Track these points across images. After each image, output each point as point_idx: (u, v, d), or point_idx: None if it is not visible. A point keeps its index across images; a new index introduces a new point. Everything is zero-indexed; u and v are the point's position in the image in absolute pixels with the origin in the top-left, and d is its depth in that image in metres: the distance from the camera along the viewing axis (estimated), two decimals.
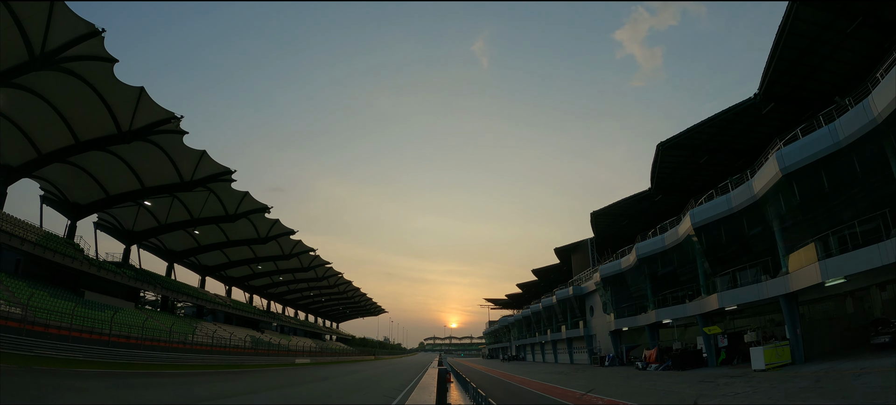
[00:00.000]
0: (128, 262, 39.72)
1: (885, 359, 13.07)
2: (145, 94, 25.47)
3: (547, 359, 54.50)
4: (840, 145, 14.86)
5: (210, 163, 32.99)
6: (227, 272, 56.07)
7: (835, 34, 16.84)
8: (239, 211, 40.27)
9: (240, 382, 19.58)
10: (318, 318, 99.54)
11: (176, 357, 29.38)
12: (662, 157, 25.74)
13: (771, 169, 17.38)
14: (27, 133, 25.60)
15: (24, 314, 21.27)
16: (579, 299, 43.50)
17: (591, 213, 38.23)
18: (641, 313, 30.51)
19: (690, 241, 23.79)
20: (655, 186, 28.86)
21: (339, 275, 70.88)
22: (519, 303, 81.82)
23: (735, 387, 13.72)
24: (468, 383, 14.28)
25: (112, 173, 31.37)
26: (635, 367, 27.66)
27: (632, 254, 29.87)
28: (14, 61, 20.65)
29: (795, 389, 11.67)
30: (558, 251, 54.77)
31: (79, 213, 33.60)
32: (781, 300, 17.85)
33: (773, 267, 19.40)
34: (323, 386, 19.86)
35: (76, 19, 20.45)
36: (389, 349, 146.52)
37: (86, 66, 22.95)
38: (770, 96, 19.88)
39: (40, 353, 19.47)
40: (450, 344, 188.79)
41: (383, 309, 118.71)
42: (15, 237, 25.83)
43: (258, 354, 45.43)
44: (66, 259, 29.63)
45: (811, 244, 16.04)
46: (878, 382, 10.22)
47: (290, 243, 51.84)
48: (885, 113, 13.03)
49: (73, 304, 26.02)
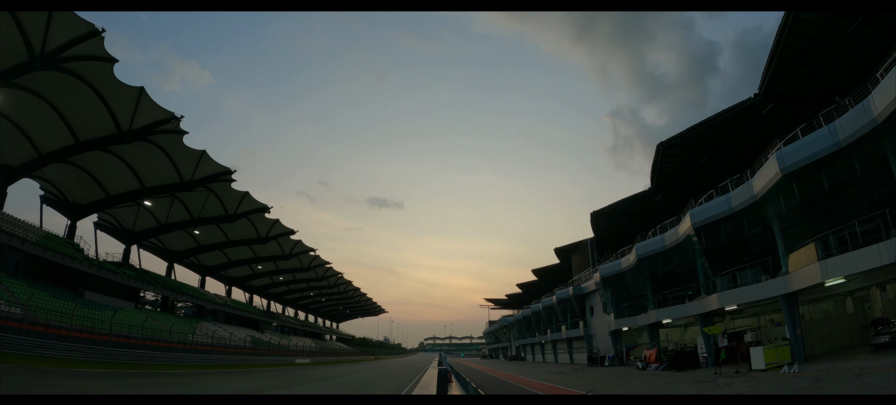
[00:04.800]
0: (128, 262, 39.72)
1: (885, 359, 13.08)
2: (145, 94, 25.48)
3: (547, 359, 54.51)
4: (840, 145, 14.86)
5: (210, 163, 33.00)
6: (227, 272, 56.07)
7: (835, 34, 16.84)
8: (239, 211, 40.27)
9: (240, 382, 19.57)
10: (318, 318, 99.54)
11: (176, 357, 29.36)
12: (662, 156, 25.75)
13: (771, 169, 17.38)
14: (27, 133, 25.59)
15: (24, 314, 21.27)
16: (579, 299, 43.51)
17: (591, 213, 38.29)
18: (641, 313, 30.51)
19: (690, 241, 23.78)
20: (655, 186, 28.86)
21: (339, 275, 70.88)
22: (519, 303, 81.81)
23: (735, 387, 13.72)
24: (468, 383, 14.30)
25: (112, 173, 31.37)
26: (635, 368, 27.66)
27: (632, 254, 29.87)
28: (14, 61, 20.63)
29: (795, 389, 11.67)
30: (558, 251, 54.79)
31: (79, 213, 33.60)
32: (781, 300, 17.86)
33: (773, 267, 19.40)
34: (319, 386, 19.83)
35: (76, 19, 20.45)
36: (389, 349, 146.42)
37: (86, 66, 22.94)
38: (770, 96, 19.88)
39: (40, 353, 19.47)
40: (450, 344, 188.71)
41: (383, 309, 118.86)
42: (15, 237, 25.84)
43: (258, 354, 45.42)
44: (66, 259, 29.63)
45: (811, 244, 16.05)
46: (879, 382, 10.22)
47: (290, 243, 51.85)
48: (885, 113, 13.03)
49: (73, 304, 26.01)
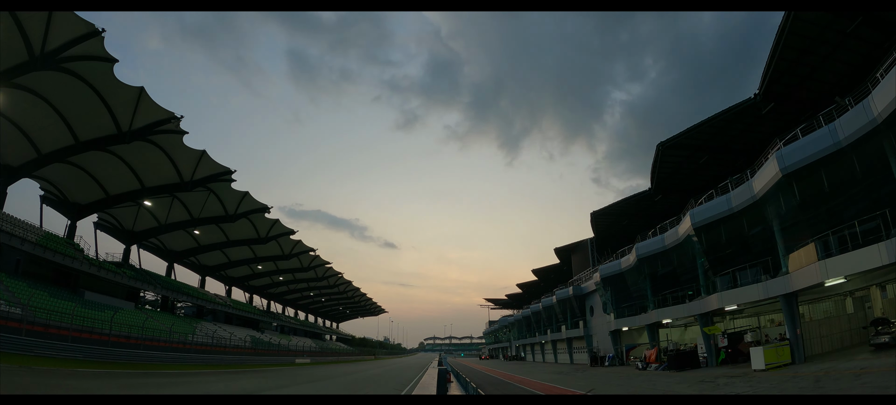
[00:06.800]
0: (128, 262, 39.73)
1: (885, 359, 13.07)
2: (145, 95, 25.48)
3: (547, 359, 54.50)
4: (840, 145, 14.86)
5: (210, 163, 33.02)
6: (227, 272, 56.08)
7: (835, 34, 16.83)
8: (239, 211, 40.29)
9: (240, 382, 19.56)
10: (318, 318, 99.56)
11: (176, 357, 29.40)
12: (662, 156, 25.73)
13: (771, 169, 17.38)
14: (27, 133, 25.59)
15: (24, 314, 21.29)
16: (579, 299, 43.51)
17: (591, 213, 38.28)
18: (641, 313, 30.51)
19: (690, 241, 23.79)
20: (655, 186, 28.85)
21: (339, 275, 70.89)
22: (519, 303, 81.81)
23: (735, 387, 13.72)
24: (468, 383, 14.31)
25: (112, 173, 31.37)
26: (635, 368, 27.66)
27: (632, 255, 29.87)
28: (14, 61, 20.64)
29: (795, 389, 11.67)
30: (558, 251, 54.77)
31: (79, 213, 33.60)
32: (781, 300, 17.87)
33: (773, 267, 19.40)
34: (319, 386, 19.82)
35: (76, 19, 20.45)
36: (389, 349, 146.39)
37: (86, 66, 22.95)
38: (770, 96, 19.87)
39: (40, 353, 19.48)
40: (450, 344, 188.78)
41: (383, 309, 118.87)
42: (15, 237, 25.84)
43: (258, 354, 45.46)
44: (66, 259, 29.64)
45: (811, 244, 16.05)
46: (879, 382, 10.22)
47: (290, 243, 51.86)
48: (885, 113, 13.03)
49: (73, 304, 26.03)
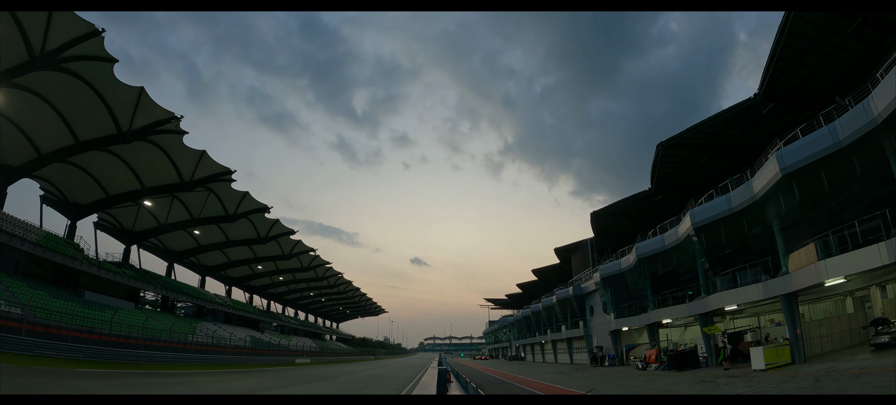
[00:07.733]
0: (128, 262, 39.74)
1: (885, 359, 13.07)
2: (145, 95, 25.49)
3: (547, 359, 54.50)
4: (840, 145, 14.86)
5: (210, 163, 33.02)
6: (227, 272, 56.08)
7: (835, 34, 16.84)
8: (239, 211, 40.29)
9: (240, 382, 19.56)
10: (318, 318, 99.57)
11: (176, 357, 29.38)
12: (662, 157, 25.73)
13: (771, 169, 17.38)
14: (27, 133, 25.60)
15: (24, 314, 21.28)
16: (579, 299, 43.51)
17: (591, 213, 38.30)
18: (641, 313, 30.51)
19: (690, 241, 23.79)
20: (655, 186, 28.86)
21: (339, 275, 70.90)
22: (519, 303, 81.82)
23: (735, 387, 13.72)
24: (468, 383, 14.32)
25: (112, 173, 31.38)
26: (635, 367, 27.66)
27: (632, 254, 29.87)
28: (14, 61, 20.64)
29: (795, 389, 11.67)
30: (558, 251, 54.79)
31: (79, 213, 33.60)
32: (781, 300, 17.86)
33: (773, 267, 19.40)
34: (319, 386, 19.82)
35: (76, 19, 20.45)
36: (389, 349, 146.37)
37: (86, 66, 22.95)
38: (770, 96, 19.88)
39: (40, 353, 19.47)
40: (450, 343, 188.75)
41: (383, 309, 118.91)
42: (15, 237, 25.84)
43: (258, 354, 45.42)
44: (66, 259, 29.64)
45: (811, 244, 16.05)
46: (879, 382, 10.22)
47: (290, 243, 51.87)
48: (885, 113, 13.03)
49: (73, 304, 26.02)
